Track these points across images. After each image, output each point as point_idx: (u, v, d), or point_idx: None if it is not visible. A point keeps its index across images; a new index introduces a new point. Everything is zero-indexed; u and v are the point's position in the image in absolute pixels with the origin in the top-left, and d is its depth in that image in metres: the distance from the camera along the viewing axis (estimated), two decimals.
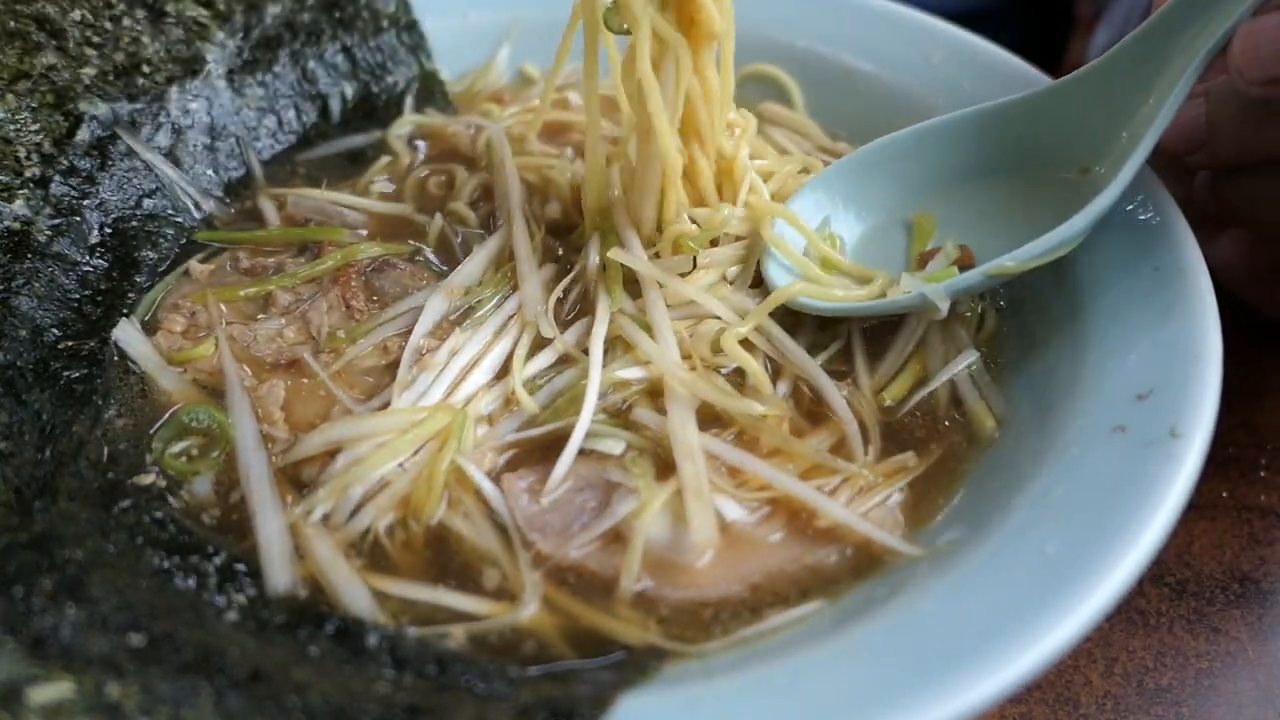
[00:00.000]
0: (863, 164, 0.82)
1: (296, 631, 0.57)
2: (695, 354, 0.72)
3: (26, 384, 0.70)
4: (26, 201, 0.77)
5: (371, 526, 0.64)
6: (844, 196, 0.81)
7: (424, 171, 0.94)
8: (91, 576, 0.57)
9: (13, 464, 0.64)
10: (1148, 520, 0.53)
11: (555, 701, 0.51)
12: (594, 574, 0.62)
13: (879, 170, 0.81)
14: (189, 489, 0.67)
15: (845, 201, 0.81)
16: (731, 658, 0.57)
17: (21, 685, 0.46)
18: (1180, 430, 0.57)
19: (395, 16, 1.02)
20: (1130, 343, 0.65)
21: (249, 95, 0.95)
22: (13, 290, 0.73)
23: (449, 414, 0.68)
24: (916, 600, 0.55)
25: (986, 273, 0.69)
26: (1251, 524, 0.80)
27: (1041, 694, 0.70)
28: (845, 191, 0.81)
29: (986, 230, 0.76)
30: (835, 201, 0.81)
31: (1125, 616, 0.74)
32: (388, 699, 0.51)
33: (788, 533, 0.64)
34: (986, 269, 0.69)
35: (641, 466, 0.66)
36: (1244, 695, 0.70)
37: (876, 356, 0.75)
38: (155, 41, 0.88)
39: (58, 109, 0.81)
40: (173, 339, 0.76)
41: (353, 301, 0.77)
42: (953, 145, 0.80)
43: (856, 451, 0.69)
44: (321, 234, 0.84)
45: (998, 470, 0.66)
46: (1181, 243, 0.69)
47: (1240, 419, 0.87)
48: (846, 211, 0.82)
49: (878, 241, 0.81)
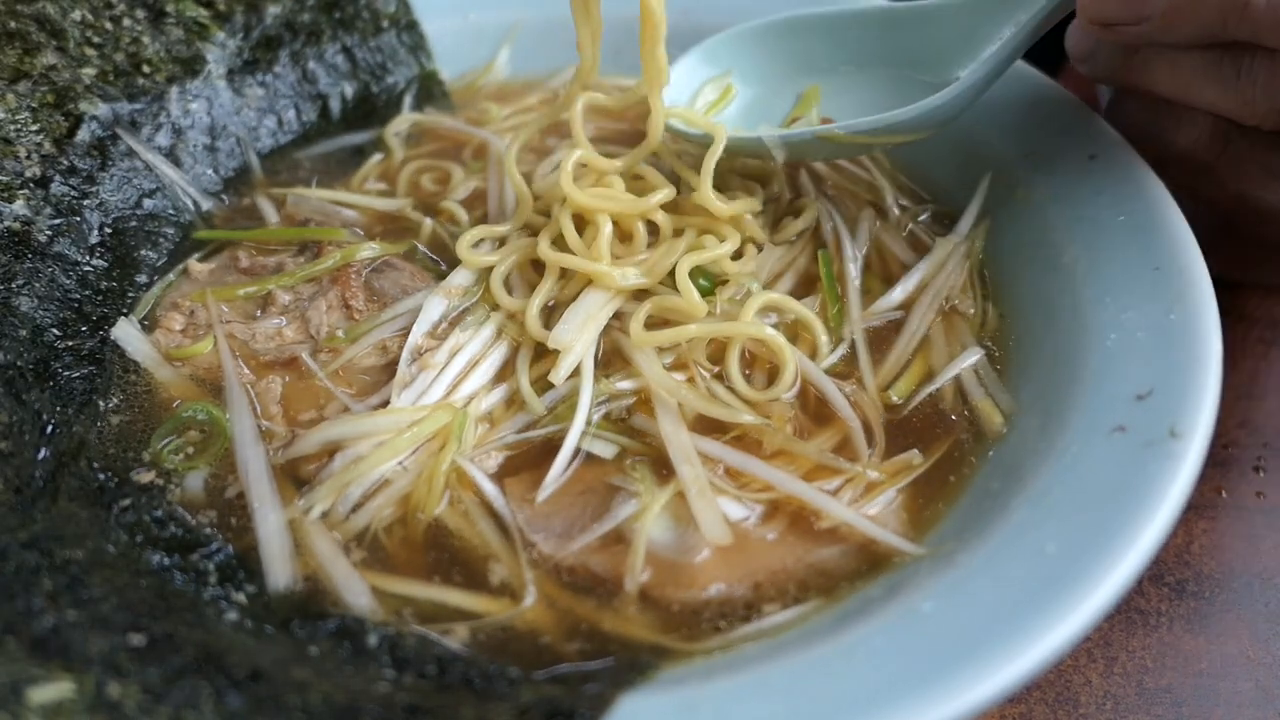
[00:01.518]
0: (760, 37, 0.91)
1: (296, 631, 0.57)
2: (690, 361, 0.73)
3: (26, 384, 0.70)
4: (27, 201, 0.77)
5: (371, 524, 0.65)
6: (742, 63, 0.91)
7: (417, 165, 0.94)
8: (91, 576, 0.57)
9: (13, 464, 0.64)
10: (1147, 520, 0.53)
11: (555, 701, 0.51)
12: (595, 574, 0.63)
13: (778, 44, 0.91)
14: (188, 486, 0.67)
15: (743, 67, 0.91)
16: (731, 658, 0.57)
17: (21, 685, 0.46)
18: (1180, 430, 0.57)
19: (395, 17, 1.02)
20: (1130, 343, 0.65)
21: (249, 95, 0.95)
22: (13, 290, 0.74)
23: (449, 413, 0.68)
24: (916, 600, 0.55)
25: (815, 133, 0.79)
26: (1251, 524, 0.80)
27: (1041, 694, 0.70)
28: (742, 58, 0.91)
29: (856, 111, 0.82)
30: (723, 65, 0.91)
31: (1125, 616, 0.74)
32: (388, 699, 0.51)
33: (790, 533, 0.64)
34: (816, 130, 0.79)
35: (642, 471, 0.67)
36: (1244, 695, 0.70)
37: (881, 356, 0.76)
38: (155, 41, 0.88)
39: (58, 109, 0.81)
40: (171, 337, 0.76)
41: (352, 301, 0.77)
42: (846, 34, 0.89)
43: (861, 450, 0.69)
44: (321, 234, 0.84)
45: (998, 470, 0.66)
46: (1181, 243, 0.69)
47: (1240, 419, 0.87)
48: (745, 75, 0.92)
49: (767, 103, 0.91)
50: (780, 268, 0.82)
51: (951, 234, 0.84)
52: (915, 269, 0.81)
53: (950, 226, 0.85)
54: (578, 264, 0.74)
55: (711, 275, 0.78)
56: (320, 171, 0.95)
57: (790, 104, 0.90)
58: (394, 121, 0.99)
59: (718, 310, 0.75)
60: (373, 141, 0.99)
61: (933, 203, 0.90)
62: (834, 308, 0.78)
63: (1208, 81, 0.70)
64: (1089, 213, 0.75)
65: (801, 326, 0.76)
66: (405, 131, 0.99)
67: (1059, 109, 0.84)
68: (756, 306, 0.73)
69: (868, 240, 0.85)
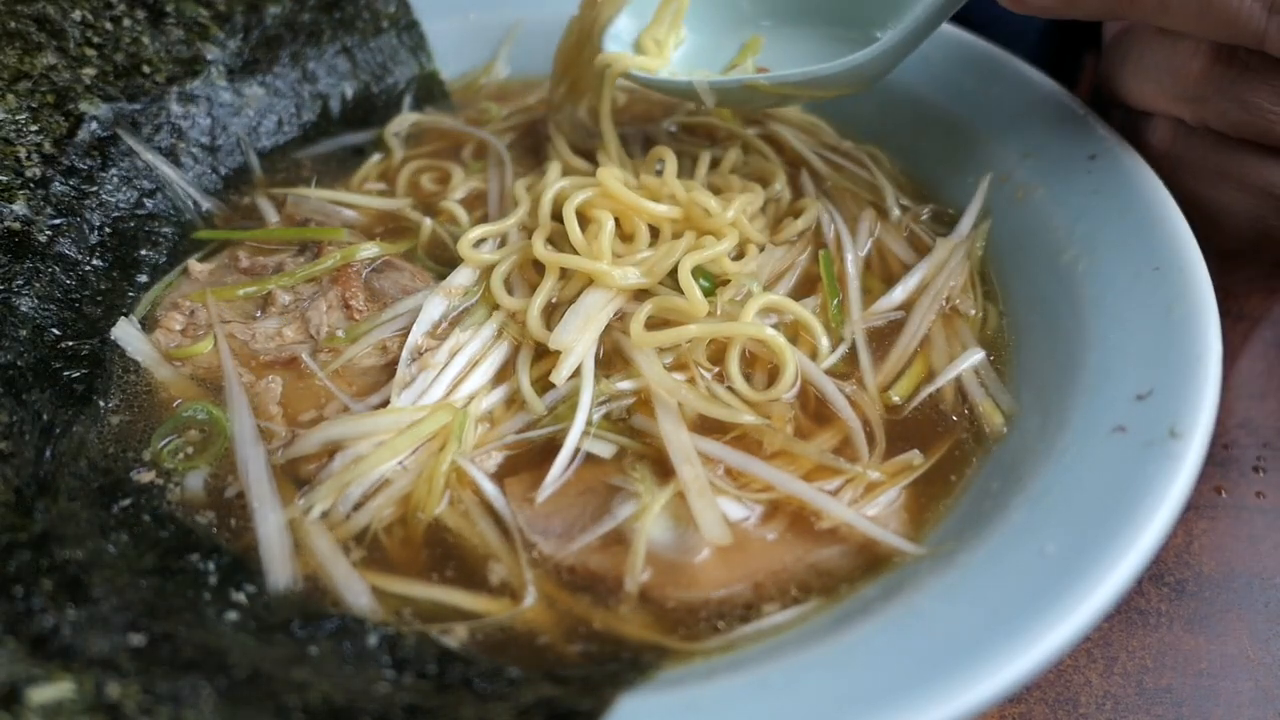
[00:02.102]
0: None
1: (296, 631, 0.57)
2: (690, 362, 0.73)
3: (27, 384, 0.70)
4: (27, 201, 0.77)
5: (371, 524, 0.65)
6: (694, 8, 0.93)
7: (417, 165, 0.94)
8: (91, 576, 0.57)
9: (13, 464, 0.64)
10: (1147, 520, 0.53)
11: (555, 701, 0.51)
12: (595, 575, 0.63)
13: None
14: (188, 486, 0.67)
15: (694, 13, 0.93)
16: (732, 658, 0.57)
17: (21, 685, 0.46)
18: (1180, 430, 0.57)
19: (395, 17, 1.02)
20: (1130, 343, 0.65)
21: (249, 95, 0.95)
22: (13, 290, 0.74)
23: (449, 413, 0.68)
24: (916, 600, 0.55)
25: (742, 82, 0.82)
26: (1251, 524, 0.80)
27: (1041, 694, 0.70)
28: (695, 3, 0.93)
29: (792, 65, 0.85)
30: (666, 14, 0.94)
31: (1125, 616, 0.74)
32: (388, 699, 0.51)
33: (790, 533, 0.64)
34: (743, 79, 0.83)
35: (641, 471, 0.67)
36: (1244, 695, 0.70)
37: (881, 356, 0.76)
38: (155, 41, 0.88)
39: (58, 109, 0.81)
40: (171, 337, 0.76)
41: (352, 301, 0.77)
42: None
43: (861, 451, 0.69)
44: (321, 234, 0.84)
45: (998, 470, 0.67)
46: (1181, 243, 0.69)
47: (1240, 418, 0.87)
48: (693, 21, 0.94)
49: (712, 51, 0.94)
50: (781, 268, 0.82)
51: (952, 234, 0.84)
52: (916, 269, 0.81)
53: (950, 226, 0.85)
54: (578, 264, 0.74)
55: (712, 276, 0.78)
56: (320, 171, 0.95)
57: (733, 54, 0.93)
58: (394, 121, 0.99)
59: (718, 311, 0.75)
60: (373, 141, 0.99)
61: (933, 203, 0.90)
62: (835, 308, 0.78)
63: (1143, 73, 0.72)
64: (1089, 213, 0.75)
65: (802, 327, 0.76)
66: (405, 131, 0.99)
67: (1059, 109, 0.84)
68: (757, 308, 0.73)
69: (868, 240, 0.85)
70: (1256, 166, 0.71)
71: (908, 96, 0.94)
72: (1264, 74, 0.66)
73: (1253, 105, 0.67)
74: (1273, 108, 0.66)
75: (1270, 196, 0.71)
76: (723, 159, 0.90)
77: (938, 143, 0.91)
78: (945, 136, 0.91)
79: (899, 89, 0.94)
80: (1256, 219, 0.74)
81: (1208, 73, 0.68)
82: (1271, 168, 0.70)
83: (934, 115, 0.92)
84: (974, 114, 0.89)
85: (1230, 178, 0.72)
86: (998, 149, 0.86)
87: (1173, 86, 0.71)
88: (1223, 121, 0.69)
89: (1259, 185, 0.71)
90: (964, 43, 0.94)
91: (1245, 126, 0.68)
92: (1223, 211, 0.75)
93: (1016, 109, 0.87)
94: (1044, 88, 0.87)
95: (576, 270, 0.75)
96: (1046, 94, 0.86)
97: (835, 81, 0.80)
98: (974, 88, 0.90)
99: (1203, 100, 0.70)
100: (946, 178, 0.90)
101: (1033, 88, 0.87)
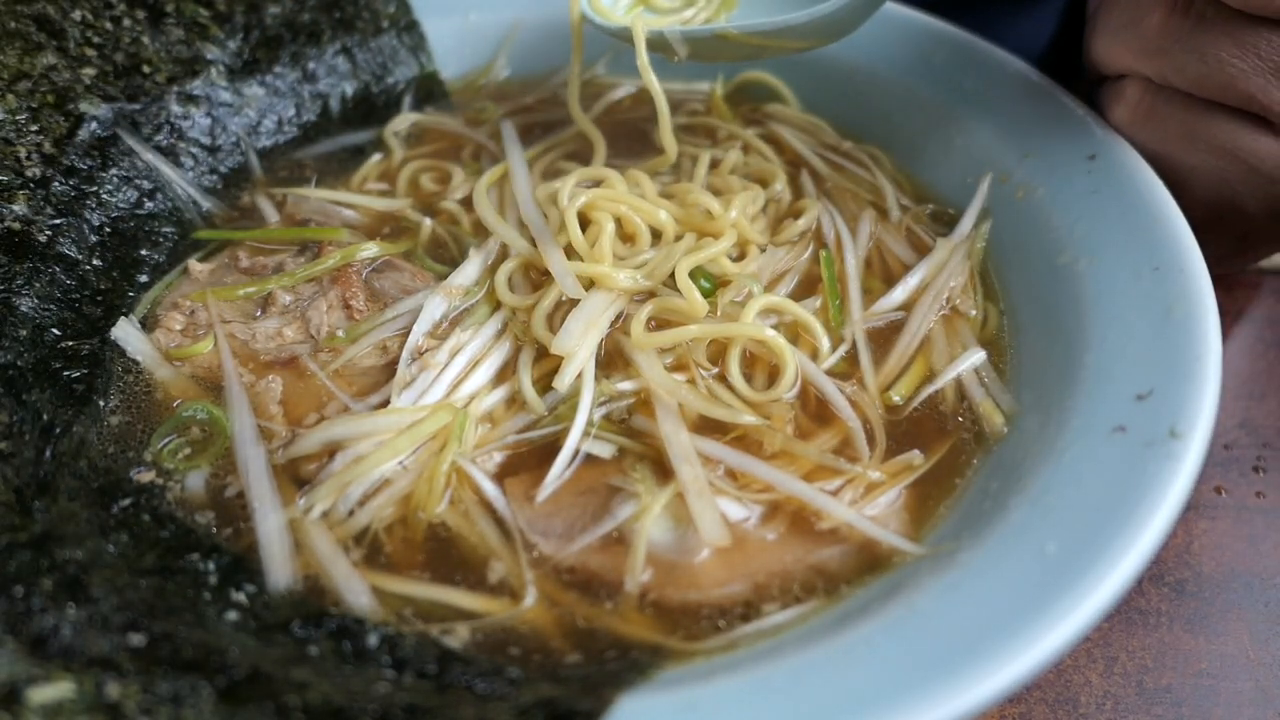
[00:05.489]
0: None
1: (296, 631, 0.57)
2: (690, 362, 0.72)
3: (27, 384, 0.70)
4: (27, 201, 0.77)
5: (371, 524, 0.65)
6: None
7: (417, 165, 0.94)
8: (91, 576, 0.57)
9: (13, 464, 0.64)
10: (1147, 520, 0.53)
11: (555, 701, 0.51)
12: (596, 575, 0.63)
13: None
14: (188, 486, 0.67)
15: None
16: (732, 658, 0.57)
17: (21, 685, 0.46)
18: (1180, 430, 0.58)
19: (395, 17, 1.02)
20: (1130, 343, 0.65)
21: (249, 95, 0.95)
22: (13, 290, 0.73)
23: (449, 413, 0.68)
24: (916, 600, 0.55)
25: (713, 31, 0.82)
26: (1251, 524, 0.80)
27: (1041, 694, 0.70)
28: None
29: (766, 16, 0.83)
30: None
31: (1125, 616, 0.74)
32: (388, 699, 0.51)
33: (791, 533, 0.64)
34: (714, 28, 0.82)
35: (641, 471, 0.67)
36: (1244, 695, 0.70)
37: (882, 356, 0.76)
38: (155, 41, 0.88)
39: (58, 109, 0.81)
40: (171, 337, 0.76)
41: (352, 301, 0.77)
42: None
43: (861, 451, 0.69)
44: (321, 234, 0.84)
45: (998, 470, 0.67)
46: (1181, 243, 0.69)
47: (1239, 418, 0.87)
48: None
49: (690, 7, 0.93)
50: (782, 269, 0.82)
51: (952, 234, 0.84)
52: (916, 269, 0.81)
53: (951, 226, 0.85)
54: (581, 268, 0.74)
55: (713, 277, 0.78)
56: (320, 171, 0.95)
57: (709, 13, 0.92)
58: (394, 121, 0.99)
59: (719, 312, 0.75)
60: (373, 141, 0.99)
61: (933, 203, 0.90)
62: (835, 308, 0.78)
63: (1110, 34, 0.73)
64: (1089, 213, 0.75)
65: (802, 328, 0.76)
66: (405, 131, 0.99)
67: (1059, 109, 0.84)
68: (757, 309, 0.73)
69: (869, 241, 0.85)
70: (1223, 127, 0.70)
71: (908, 96, 0.94)
72: (1221, 24, 0.66)
73: (1211, 57, 0.67)
74: (1231, 60, 0.66)
75: (1236, 160, 0.71)
76: (723, 160, 0.90)
77: (938, 143, 0.91)
78: (945, 137, 0.91)
79: (900, 89, 0.94)
80: (1222, 183, 0.73)
81: (1165, 23, 0.69)
82: (1237, 129, 0.70)
83: (934, 115, 0.92)
84: (974, 114, 0.89)
85: (1198, 140, 0.72)
86: (998, 149, 0.86)
87: (1134, 41, 0.71)
88: (1184, 77, 0.69)
89: (1225, 147, 0.71)
90: (965, 43, 0.94)
91: (1206, 81, 0.68)
92: (1190, 177, 0.75)
93: (1017, 109, 0.87)
94: (1044, 87, 0.87)
95: (580, 273, 0.75)
96: (1047, 93, 0.86)
97: (806, 31, 0.79)
98: (974, 88, 0.90)
99: (1163, 53, 0.70)
100: (946, 178, 0.90)
101: (1033, 88, 0.87)
